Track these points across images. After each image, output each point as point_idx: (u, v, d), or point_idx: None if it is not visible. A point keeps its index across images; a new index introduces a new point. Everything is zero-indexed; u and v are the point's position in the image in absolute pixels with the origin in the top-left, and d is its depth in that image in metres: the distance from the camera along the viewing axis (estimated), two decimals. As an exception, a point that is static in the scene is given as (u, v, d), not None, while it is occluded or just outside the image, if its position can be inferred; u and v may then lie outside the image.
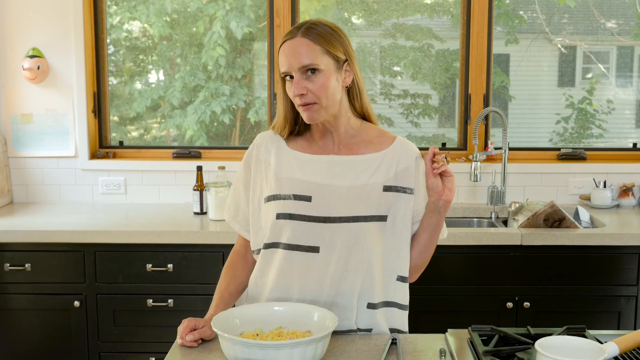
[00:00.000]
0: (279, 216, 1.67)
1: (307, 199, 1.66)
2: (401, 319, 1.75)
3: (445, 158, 1.63)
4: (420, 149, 1.80)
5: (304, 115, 1.66)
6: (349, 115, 1.73)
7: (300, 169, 1.70)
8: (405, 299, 1.75)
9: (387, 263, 1.70)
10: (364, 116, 1.77)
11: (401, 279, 1.72)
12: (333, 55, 1.65)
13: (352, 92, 1.72)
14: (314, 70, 1.62)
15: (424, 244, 1.73)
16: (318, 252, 1.65)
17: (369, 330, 1.70)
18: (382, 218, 1.67)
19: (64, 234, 2.79)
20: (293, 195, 1.66)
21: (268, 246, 1.70)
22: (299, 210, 1.65)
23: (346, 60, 1.68)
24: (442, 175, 1.65)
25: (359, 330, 1.69)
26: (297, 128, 1.74)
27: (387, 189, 1.68)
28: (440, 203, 1.66)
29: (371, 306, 1.69)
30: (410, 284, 1.76)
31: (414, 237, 1.74)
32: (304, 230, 1.65)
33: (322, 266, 1.65)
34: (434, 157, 1.62)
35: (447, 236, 2.67)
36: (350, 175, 1.68)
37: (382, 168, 1.70)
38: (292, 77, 1.64)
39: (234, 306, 1.77)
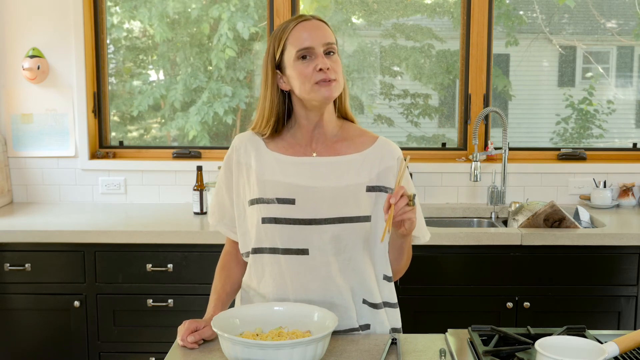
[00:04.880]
0: (264, 220, 1.65)
1: (291, 201, 1.65)
2: (396, 317, 1.76)
3: (412, 200, 1.52)
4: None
5: (323, 91, 1.61)
6: (334, 114, 1.73)
7: (282, 171, 1.68)
8: (394, 298, 1.76)
9: (375, 263, 1.70)
10: (345, 118, 1.78)
11: (387, 278, 1.73)
12: (336, 46, 1.70)
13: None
14: (332, 49, 1.65)
15: (393, 258, 1.73)
16: (308, 254, 1.65)
17: (367, 325, 1.70)
18: (367, 218, 1.66)
19: (64, 234, 2.79)
20: (277, 198, 1.65)
21: (256, 251, 1.69)
22: (283, 214, 1.64)
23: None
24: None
25: (360, 327, 1.69)
26: (278, 126, 1.71)
27: (370, 189, 1.68)
28: (400, 232, 1.61)
29: (372, 305, 1.70)
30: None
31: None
32: (291, 233, 1.64)
33: (313, 267, 1.65)
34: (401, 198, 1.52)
35: (447, 236, 2.71)
36: (333, 177, 1.67)
37: (364, 168, 1.69)
38: (304, 57, 1.63)
39: (232, 305, 1.77)
